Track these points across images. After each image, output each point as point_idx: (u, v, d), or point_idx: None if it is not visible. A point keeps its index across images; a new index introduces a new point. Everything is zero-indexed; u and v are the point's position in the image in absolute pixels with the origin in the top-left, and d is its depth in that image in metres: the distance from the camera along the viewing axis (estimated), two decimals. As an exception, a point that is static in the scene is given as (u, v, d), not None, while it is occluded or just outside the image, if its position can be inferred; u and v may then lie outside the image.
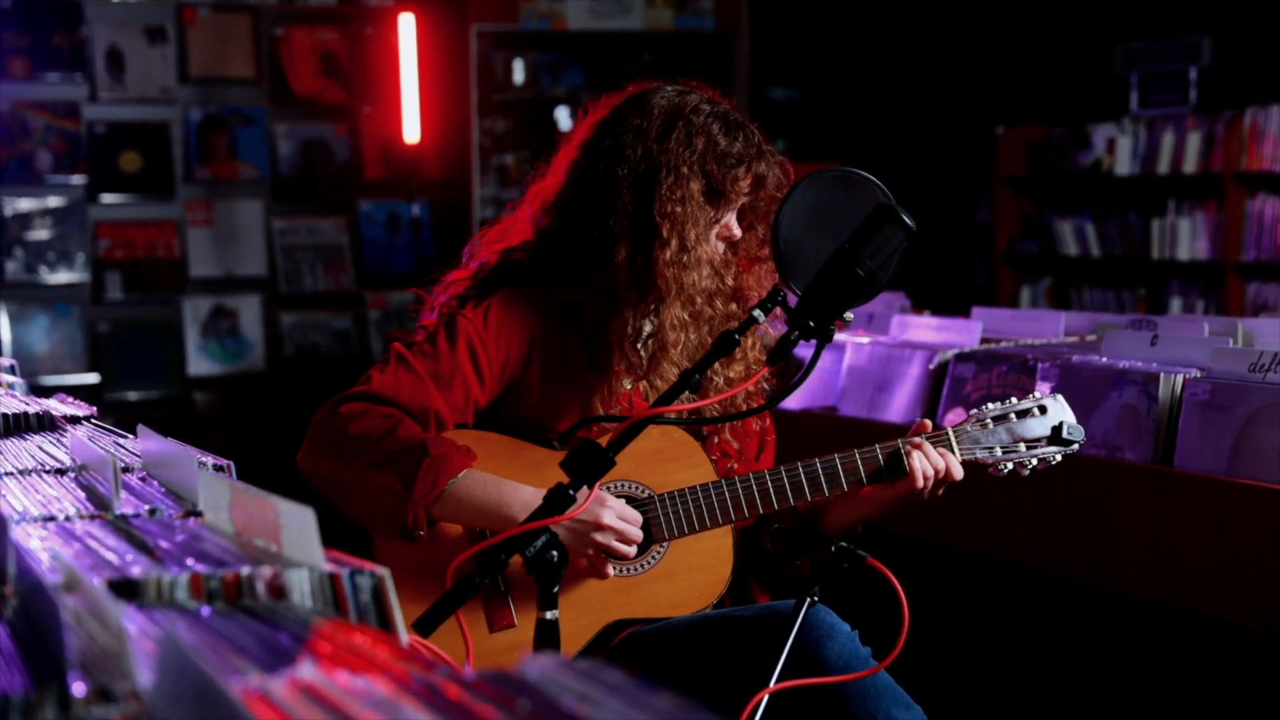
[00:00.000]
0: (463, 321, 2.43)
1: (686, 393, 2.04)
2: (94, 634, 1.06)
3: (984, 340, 3.59)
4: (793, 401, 3.74)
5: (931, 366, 3.49)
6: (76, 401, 2.39)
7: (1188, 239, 7.07)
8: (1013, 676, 3.33)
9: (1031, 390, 3.17)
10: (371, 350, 7.34)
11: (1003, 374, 3.28)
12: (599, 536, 2.29)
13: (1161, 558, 2.85)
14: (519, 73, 7.56)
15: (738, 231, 2.44)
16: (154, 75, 7.02)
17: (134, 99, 7.00)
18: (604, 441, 1.97)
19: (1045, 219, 7.79)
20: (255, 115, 7.21)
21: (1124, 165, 7.34)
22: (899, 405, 3.54)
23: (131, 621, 1.10)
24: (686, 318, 2.38)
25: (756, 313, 2.01)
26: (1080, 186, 7.67)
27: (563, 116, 7.56)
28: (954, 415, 3.37)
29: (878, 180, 2.11)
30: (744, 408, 2.44)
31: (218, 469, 1.74)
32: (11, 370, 2.70)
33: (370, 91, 7.31)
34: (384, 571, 1.19)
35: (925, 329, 3.75)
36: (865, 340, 3.77)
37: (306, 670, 0.93)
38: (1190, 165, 7.02)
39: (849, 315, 2.05)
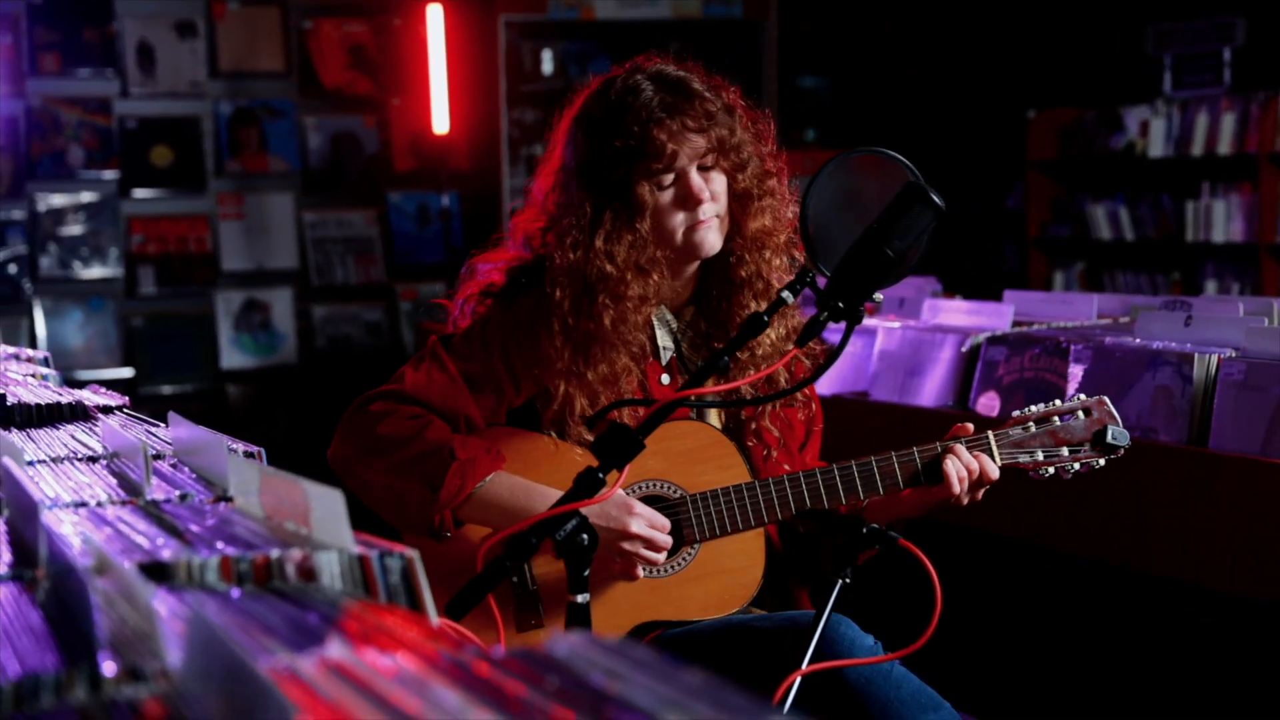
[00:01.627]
0: (497, 322, 2.41)
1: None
2: (124, 615, 1.07)
3: (1016, 323, 3.57)
4: (824, 387, 3.72)
5: (964, 350, 3.47)
6: (109, 392, 2.39)
7: (1222, 221, 7.01)
8: (1043, 659, 3.30)
9: (1064, 372, 3.15)
10: (403, 342, 7.35)
11: (1035, 357, 3.25)
12: (627, 545, 2.27)
13: (1196, 539, 2.83)
14: (547, 63, 7.55)
15: (702, 188, 2.35)
16: (184, 70, 7.05)
17: (164, 94, 7.03)
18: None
19: (1077, 203, 7.74)
20: (284, 108, 7.23)
21: (1157, 147, 7.29)
22: (931, 389, 3.52)
23: (162, 603, 1.10)
24: (626, 361, 2.37)
25: (785, 294, 2.00)
26: (1113, 169, 7.62)
27: (592, 106, 7.53)
28: (986, 399, 3.35)
29: (906, 159, 2.09)
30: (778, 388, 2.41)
31: (248, 455, 1.74)
32: (45, 362, 2.71)
33: (399, 83, 7.32)
34: (413, 553, 1.19)
35: (956, 313, 3.72)
36: (896, 325, 3.75)
37: (335, 649, 0.93)
38: (1224, 147, 6.97)
39: (878, 296, 2.03)
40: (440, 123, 7.04)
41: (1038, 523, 3.18)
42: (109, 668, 0.94)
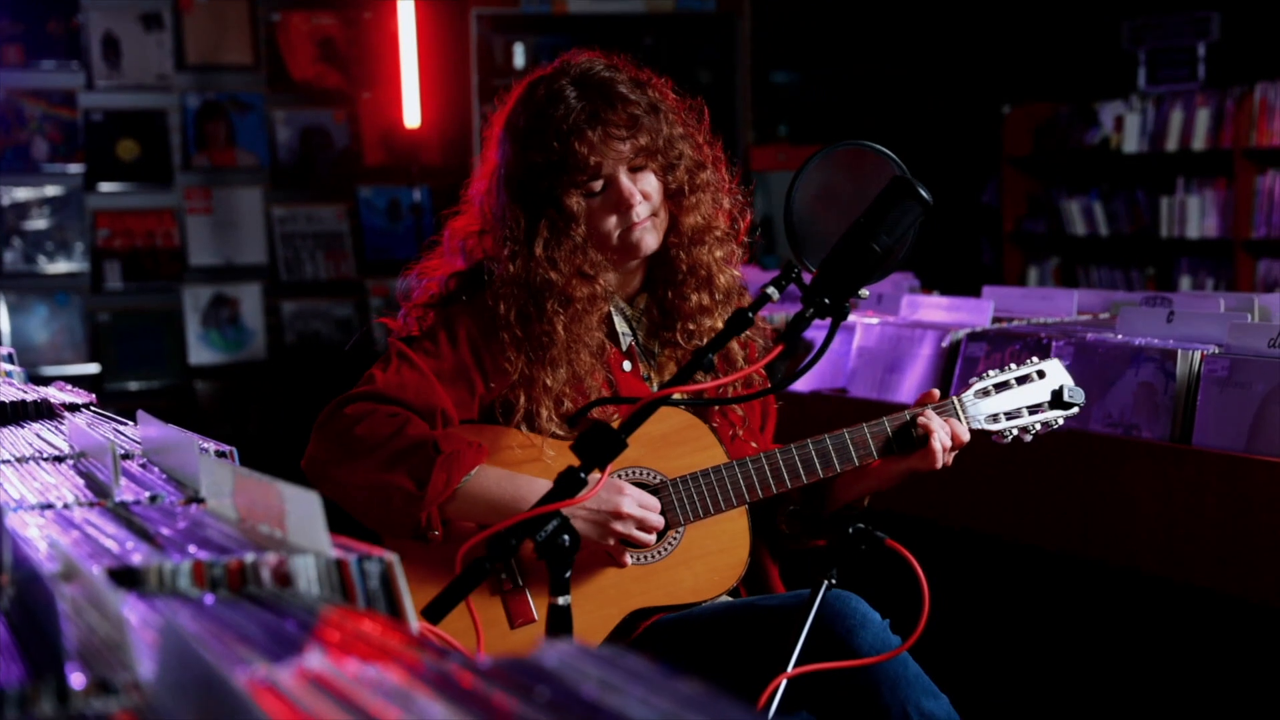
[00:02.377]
0: (463, 316, 2.38)
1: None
2: (93, 624, 1.04)
3: (995, 319, 3.54)
4: (802, 383, 3.70)
5: (944, 346, 3.44)
6: (75, 389, 2.35)
7: (1197, 217, 7.01)
8: (1029, 657, 3.28)
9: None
10: (374, 338, 7.29)
11: (1016, 353, 3.23)
12: (619, 525, 2.25)
13: (1180, 536, 2.81)
14: (519, 56, 7.50)
15: (632, 191, 2.33)
16: (150, 62, 6.97)
17: (131, 86, 6.96)
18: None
19: (1052, 198, 7.74)
20: (253, 102, 7.16)
21: (1132, 143, 7.28)
22: (910, 386, 3.50)
23: (132, 611, 1.08)
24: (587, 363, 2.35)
25: (770, 290, 1.96)
26: (1087, 165, 7.62)
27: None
28: (966, 395, 3.33)
29: (893, 153, 2.06)
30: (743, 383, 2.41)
31: (220, 455, 1.70)
32: (10, 359, 2.65)
33: (369, 77, 7.27)
34: (393, 557, 1.16)
35: (935, 309, 3.70)
36: (875, 321, 3.72)
37: (315, 659, 0.91)
38: (1199, 142, 6.97)
39: (864, 292, 2.00)
40: (412, 116, 6.98)
41: (1022, 520, 3.16)
42: (77, 680, 0.91)
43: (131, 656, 0.94)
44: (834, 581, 1.98)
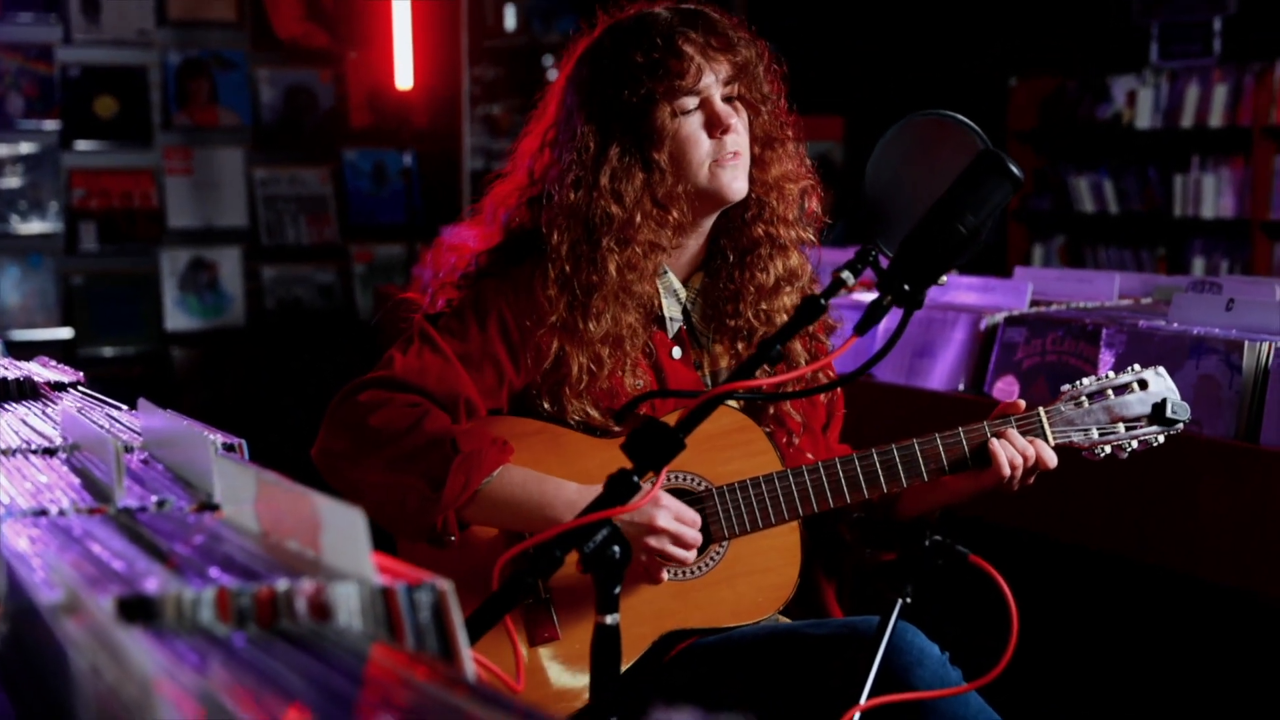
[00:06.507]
0: (494, 294, 2.17)
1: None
2: (103, 669, 0.86)
3: (1033, 303, 3.35)
4: (826, 366, 3.51)
5: (981, 329, 3.25)
6: (61, 366, 2.16)
7: (1212, 196, 6.84)
8: (1084, 665, 3.11)
9: (1092, 357, 2.95)
10: (356, 305, 7.12)
11: (1058, 339, 3.04)
12: (652, 541, 2.04)
13: (1245, 541, 2.64)
14: (510, 18, 7.34)
15: (730, 113, 2.16)
16: (131, 17, 6.77)
17: (110, 41, 6.75)
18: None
19: (1059, 174, 7.56)
20: (236, 60, 6.97)
21: (1144, 118, 7.11)
22: (941, 372, 3.30)
23: (148, 655, 0.88)
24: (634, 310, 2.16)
25: (845, 274, 1.76)
26: (1097, 141, 7.44)
27: (553, 64, 7.33)
28: (1004, 383, 3.14)
29: (975, 125, 1.88)
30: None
31: (227, 448, 1.51)
32: (-14, 329, 2.45)
33: (356, 36, 7.09)
34: (446, 585, 0.99)
35: (967, 290, 3.50)
36: (902, 301, 3.52)
37: None
38: (1216, 119, 6.80)
39: (943, 279, 1.80)
40: (403, 78, 6.78)
41: (1074, 521, 2.96)
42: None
43: (158, 724, 0.76)
44: (909, 601, 1.79)
